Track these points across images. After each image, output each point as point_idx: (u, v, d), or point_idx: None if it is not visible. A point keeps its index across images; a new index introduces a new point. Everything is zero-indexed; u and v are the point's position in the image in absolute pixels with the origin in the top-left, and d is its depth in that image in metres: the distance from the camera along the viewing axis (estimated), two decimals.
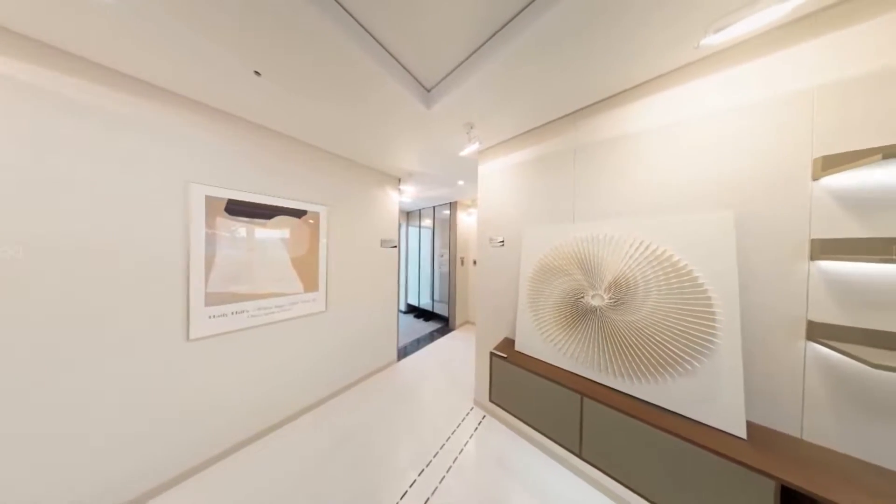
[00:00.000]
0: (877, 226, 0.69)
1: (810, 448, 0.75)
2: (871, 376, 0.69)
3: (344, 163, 2.12)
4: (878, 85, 0.70)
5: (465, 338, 3.39)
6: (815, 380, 0.76)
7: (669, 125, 1.04)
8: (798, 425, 0.79)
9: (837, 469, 0.67)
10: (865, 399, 0.70)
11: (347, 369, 2.16)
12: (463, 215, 3.93)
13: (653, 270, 1.00)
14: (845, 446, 0.72)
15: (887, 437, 0.67)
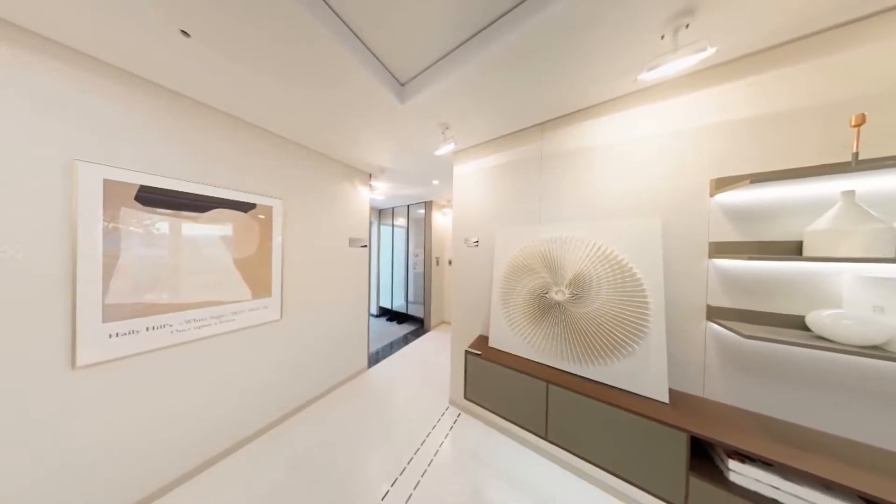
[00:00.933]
0: (747, 233, 0.93)
1: (708, 403, 0.97)
2: (743, 344, 0.93)
3: (305, 153, 1.90)
4: (750, 127, 0.94)
5: (440, 338, 3.39)
6: (711, 350, 0.99)
7: (614, 143, 1.22)
8: (701, 387, 1.01)
9: (724, 417, 0.89)
10: (740, 362, 0.94)
11: (310, 383, 1.94)
12: (438, 215, 3.93)
13: (603, 268, 1.16)
14: (729, 399, 0.96)
15: (753, 388, 0.92)
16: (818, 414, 0.83)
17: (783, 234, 0.87)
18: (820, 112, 0.84)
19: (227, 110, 1.40)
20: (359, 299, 2.41)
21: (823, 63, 0.84)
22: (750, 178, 0.84)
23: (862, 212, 0.73)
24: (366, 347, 2.51)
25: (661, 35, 0.86)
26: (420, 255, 3.88)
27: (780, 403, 0.88)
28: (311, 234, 1.93)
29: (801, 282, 0.85)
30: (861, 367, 0.77)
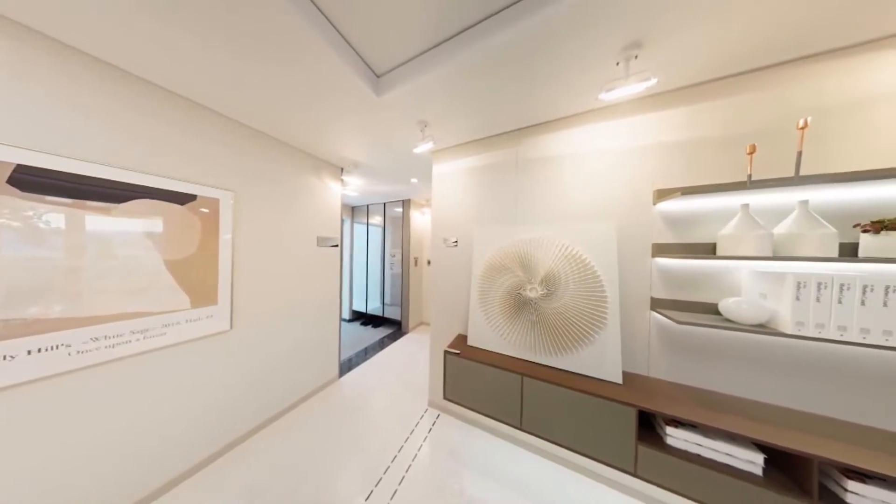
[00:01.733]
0: (680, 236, 1.12)
1: (652, 381, 1.14)
2: (677, 329, 1.12)
3: (266, 141, 1.68)
4: (682, 148, 1.14)
5: (419, 340, 3.33)
6: (653, 336, 1.17)
7: (580, 154, 1.36)
8: (646, 367, 1.18)
9: (664, 391, 1.06)
10: (675, 344, 1.13)
11: (270, 399, 1.73)
12: (416, 214, 3.84)
13: (570, 266, 1.27)
14: (668, 376, 1.15)
15: (685, 365, 1.11)
16: (730, 381, 1.04)
17: (704, 237, 1.07)
18: (728, 141, 1.05)
19: (161, 83, 1.15)
20: (329, 303, 2.22)
21: (731, 102, 1.05)
22: (681, 190, 1.01)
23: (753, 220, 0.94)
24: (336, 355, 2.33)
25: (617, 62, 0.98)
26: (398, 256, 3.75)
27: (704, 376, 1.08)
28: (271, 231, 1.71)
29: (715, 276, 1.06)
30: (755, 342, 1.00)
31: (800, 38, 0.87)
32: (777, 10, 0.78)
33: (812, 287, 0.82)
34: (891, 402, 0.83)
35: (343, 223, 2.53)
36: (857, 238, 0.83)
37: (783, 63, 0.97)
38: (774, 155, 0.95)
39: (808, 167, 0.90)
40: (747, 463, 0.84)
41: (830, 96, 0.92)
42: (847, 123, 0.89)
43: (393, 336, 3.45)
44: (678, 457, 0.90)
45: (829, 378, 0.90)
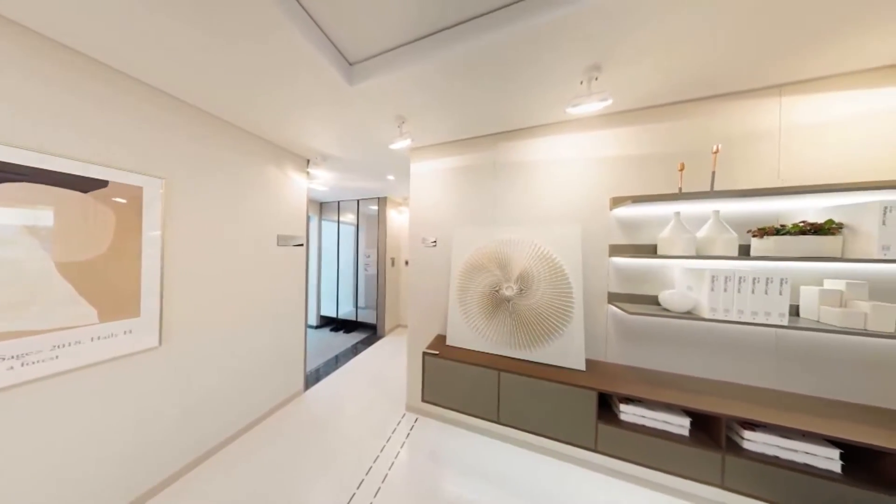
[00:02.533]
0: (630, 238, 1.30)
1: (609, 365, 1.30)
2: (628, 319, 1.29)
3: (213, 123, 1.43)
4: (633, 162, 1.31)
5: (396, 343, 3.22)
6: (610, 326, 1.33)
7: (551, 161, 1.47)
8: (605, 353, 1.34)
9: (618, 374, 1.22)
10: (627, 332, 1.30)
11: (217, 423, 1.48)
12: (393, 213, 3.70)
13: (542, 265, 1.37)
14: (622, 360, 1.32)
15: (635, 350, 1.29)
16: (668, 361, 1.24)
17: (648, 239, 1.26)
18: (667, 158, 1.25)
19: (71, 44, 0.89)
20: (292, 309, 2.00)
21: (668, 126, 1.26)
22: (631, 199, 1.17)
23: (682, 226, 1.13)
24: (302, 366, 2.11)
25: (581, 81, 1.08)
26: (373, 256, 3.56)
27: (649, 358, 1.27)
28: (218, 228, 1.47)
29: (657, 272, 1.25)
30: (684, 326, 1.21)
31: (714, 79, 1.09)
32: (696, 56, 0.96)
33: (721, 280, 1.03)
34: (773, 367, 1.10)
35: (310, 220, 2.30)
36: (750, 241, 1.06)
37: (704, 98, 1.20)
38: (699, 172, 1.17)
39: (720, 184, 1.12)
40: (679, 427, 1.01)
41: (734, 129, 1.16)
42: (744, 151, 1.14)
43: (367, 341, 3.28)
44: (629, 429, 1.05)
45: (733, 351, 1.14)
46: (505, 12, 0.87)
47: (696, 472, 0.95)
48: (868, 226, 0.89)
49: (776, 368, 1.09)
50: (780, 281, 0.97)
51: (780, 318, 0.97)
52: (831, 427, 0.86)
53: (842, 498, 0.80)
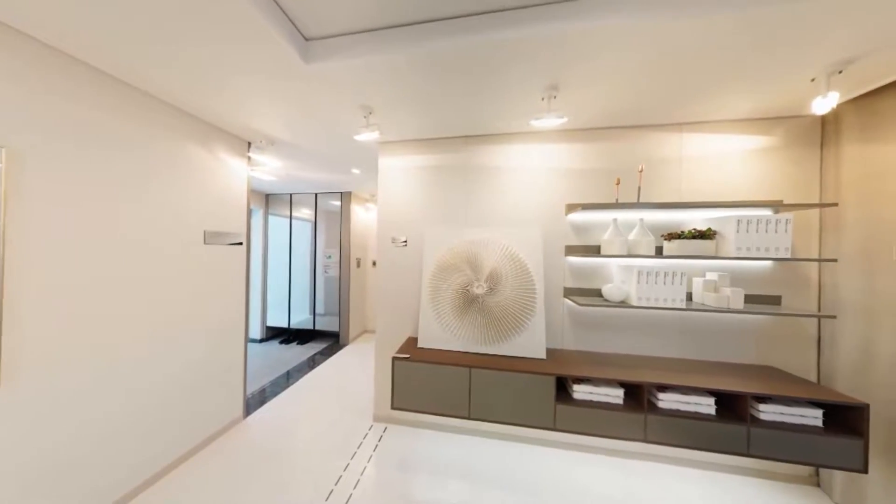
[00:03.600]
0: (581, 240, 1.50)
1: (565, 352, 1.47)
2: (579, 310, 1.49)
3: (97, 80, 1.06)
4: (583, 174, 1.52)
5: (362, 351, 3.00)
6: (566, 317, 1.52)
7: (518, 167, 1.59)
8: (561, 342, 1.52)
9: (573, 359, 1.39)
10: (578, 321, 1.51)
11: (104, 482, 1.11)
12: (359, 209, 3.42)
13: (510, 265, 1.46)
14: (575, 346, 1.51)
15: (585, 336, 1.50)
16: (609, 344, 1.48)
17: (594, 241, 1.48)
18: (609, 172, 1.48)
19: None
20: (227, 322, 1.66)
21: (608, 146, 1.49)
22: (581, 206, 1.35)
23: (618, 230, 1.37)
24: (241, 388, 1.78)
25: (542, 97, 1.20)
26: (335, 256, 3.24)
27: (595, 342, 1.49)
28: (109, 220, 1.11)
29: (601, 269, 1.48)
30: (620, 314, 1.46)
31: (640, 112, 1.34)
32: (627, 91, 1.17)
33: (644, 275, 1.28)
34: (677, 341, 1.42)
35: (251, 214, 1.94)
36: (663, 243, 1.35)
37: (633, 126, 1.46)
38: (631, 186, 1.42)
39: (644, 197, 1.39)
40: (615, 398, 1.22)
41: (653, 153, 1.45)
42: (659, 172, 1.44)
43: (327, 351, 2.98)
44: (581, 406, 1.21)
45: (652, 331, 1.44)
46: (476, 20, 0.89)
47: (627, 432, 1.17)
48: (729, 233, 1.22)
49: (678, 342, 1.42)
50: (681, 274, 1.26)
51: (680, 303, 1.26)
52: (709, 382, 1.17)
53: (717, 432, 1.10)
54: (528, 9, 0.85)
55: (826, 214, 1.28)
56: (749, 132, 1.37)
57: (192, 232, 1.44)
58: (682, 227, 1.38)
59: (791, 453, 1.06)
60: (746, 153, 1.38)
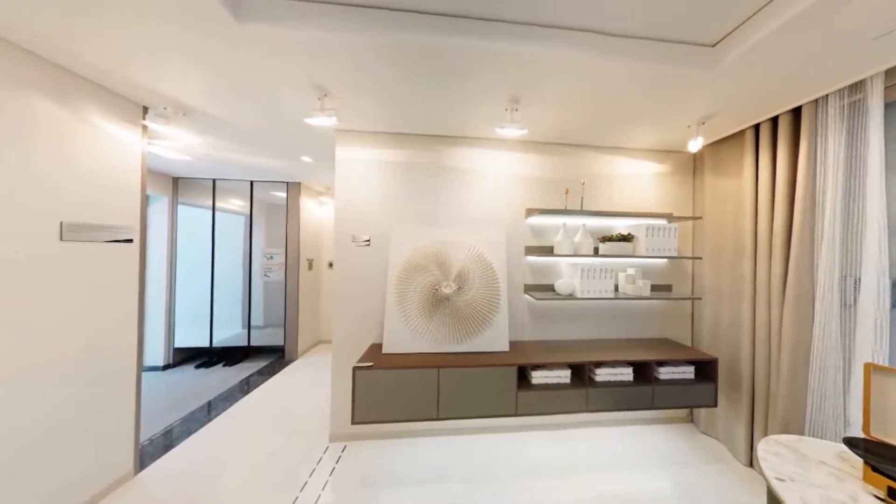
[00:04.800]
0: (539, 241, 1.68)
1: (525, 343, 1.63)
2: (537, 304, 1.68)
3: None
4: (540, 182, 1.70)
5: (315, 365, 2.64)
6: (525, 311, 1.68)
7: (486, 171, 1.67)
8: (522, 334, 1.68)
9: (532, 349, 1.55)
10: (536, 314, 1.69)
11: None
12: (310, 203, 3.00)
13: (476, 264, 1.53)
14: (534, 337, 1.68)
15: (542, 328, 1.69)
16: (561, 332, 1.70)
17: (549, 242, 1.68)
18: (559, 182, 1.71)
19: None
20: (104, 349, 1.22)
21: (559, 160, 1.72)
22: (539, 210, 1.52)
23: (567, 233, 1.59)
24: (130, 436, 1.33)
25: (506, 108, 1.29)
26: (279, 257, 2.75)
27: (550, 332, 1.69)
28: None
29: (554, 267, 1.70)
30: (570, 305, 1.70)
31: (584, 133, 1.59)
32: (574, 114, 1.37)
33: (586, 271, 1.53)
34: (609, 325, 1.74)
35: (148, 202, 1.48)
36: (599, 245, 1.64)
37: (579, 145, 1.73)
38: (576, 196, 1.67)
39: (586, 205, 1.65)
40: (564, 378, 1.42)
41: (593, 169, 1.74)
42: (598, 185, 1.74)
43: (269, 370, 2.52)
44: (538, 390, 1.36)
45: (592, 318, 1.73)
46: (444, 20, 0.89)
47: (574, 406, 1.37)
48: (642, 237, 1.57)
49: (609, 325, 1.75)
50: (610, 270, 1.55)
51: (610, 293, 1.55)
52: (629, 355, 1.47)
53: (633, 394, 1.40)
54: (492, 23, 0.90)
55: (696, 225, 1.77)
56: (652, 160, 1.79)
57: (41, 224, 1.01)
58: (612, 231, 1.70)
59: (677, 401, 1.45)
60: (652, 175, 1.79)
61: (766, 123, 1.37)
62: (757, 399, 1.40)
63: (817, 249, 1.19)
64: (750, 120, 1.40)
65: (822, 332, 1.17)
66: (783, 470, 0.80)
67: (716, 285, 1.64)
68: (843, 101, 1.14)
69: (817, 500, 0.69)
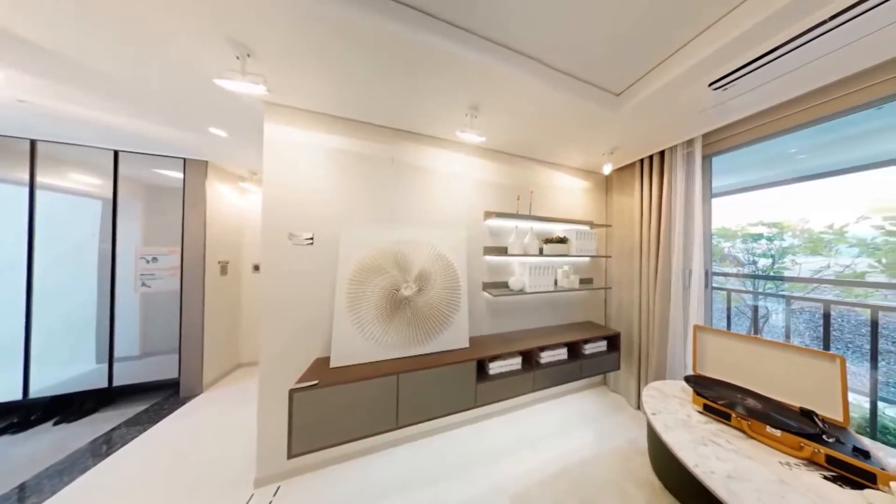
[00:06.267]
0: (495, 241, 1.84)
1: (484, 338, 1.75)
2: (494, 300, 1.83)
3: None
4: (496, 187, 1.86)
5: (233, 396, 2.09)
6: (484, 307, 1.81)
7: (448, 173, 1.71)
8: (480, 329, 1.80)
9: (490, 342, 1.68)
10: (493, 310, 1.84)
11: None
12: (226, 191, 2.38)
13: (438, 264, 1.55)
14: (492, 331, 1.83)
15: (499, 322, 1.85)
16: (514, 324, 1.90)
17: (504, 243, 1.86)
18: (512, 189, 1.91)
19: None
20: None
21: (512, 169, 1.92)
22: (495, 213, 1.67)
23: (518, 235, 1.81)
24: None
25: (466, 113, 1.37)
26: (171, 260, 2.05)
27: (505, 325, 1.87)
28: None
29: (507, 265, 1.89)
30: (521, 300, 1.92)
31: (531, 148, 1.83)
32: (523, 130, 1.56)
33: (533, 269, 1.77)
34: (551, 314, 2.05)
35: None
36: (543, 246, 1.93)
37: (528, 158, 1.97)
38: (527, 202, 1.91)
39: (534, 211, 1.92)
40: (516, 365, 1.61)
41: (539, 180, 2.03)
42: (543, 194, 2.04)
43: (148, 418, 1.82)
44: (495, 379, 1.49)
45: (539, 310, 2.00)
46: (409, 12, 0.88)
47: (524, 388, 1.57)
48: (573, 240, 1.94)
49: (551, 314, 2.07)
50: (551, 267, 1.85)
51: (551, 287, 1.85)
52: (563, 338, 1.79)
53: (567, 370, 1.71)
54: (458, 29, 0.94)
55: (608, 231, 2.30)
56: (580, 177, 2.23)
57: None
58: (552, 234, 2.02)
59: (596, 369, 1.83)
60: (580, 189, 2.23)
61: (646, 159, 1.92)
62: (642, 359, 1.94)
63: (673, 250, 1.75)
64: (639, 155, 1.92)
65: (674, 307, 1.73)
66: (655, 406, 1.14)
67: (619, 277, 2.18)
68: (684, 150, 1.72)
69: (671, 422, 1.02)
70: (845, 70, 1.04)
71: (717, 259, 1.76)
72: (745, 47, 0.92)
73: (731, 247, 1.75)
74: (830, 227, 1.34)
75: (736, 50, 0.93)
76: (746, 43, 0.90)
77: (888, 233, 1.16)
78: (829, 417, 0.93)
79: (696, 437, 0.93)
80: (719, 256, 1.77)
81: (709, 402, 1.05)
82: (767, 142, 1.45)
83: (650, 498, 1.26)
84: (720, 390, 1.08)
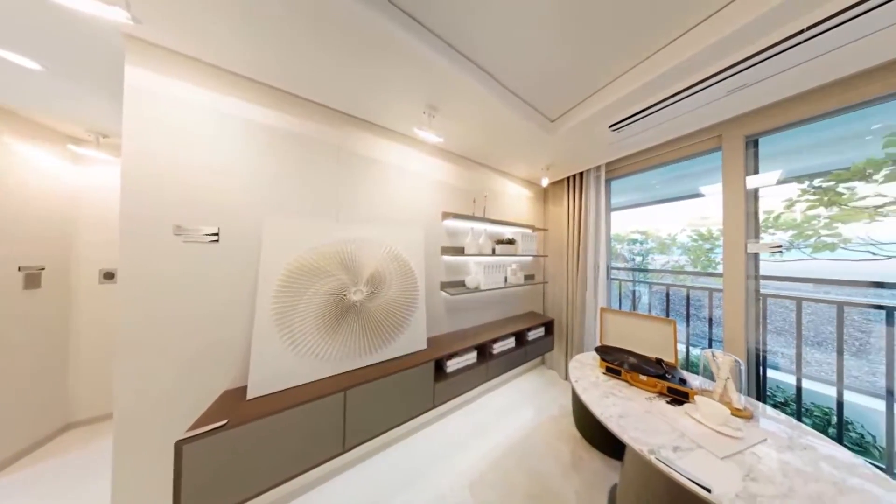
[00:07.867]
0: (452, 242, 1.91)
1: (443, 336, 1.79)
2: (451, 299, 1.89)
3: None
4: (454, 188, 1.93)
5: (40, 479, 1.38)
6: (442, 307, 1.85)
7: (404, 169, 1.66)
8: (439, 328, 1.83)
9: (447, 340, 1.74)
10: (451, 308, 1.90)
11: None
12: (35, 153, 1.60)
13: (393, 265, 1.49)
14: (449, 329, 1.88)
15: (455, 319, 1.92)
16: (470, 320, 2.01)
17: (461, 243, 1.97)
18: (469, 192, 2.03)
19: None
20: None
21: (471, 174, 2.03)
22: (453, 214, 1.75)
23: (476, 236, 1.96)
24: None
25: (424, 112, 1.37)
26: None
27: (462, 322, 1.96)
28: None
29: (464, 265, 2.00)
30: (476, 297, 2.06)
31: (484, 155, 2.00)
32: (478, 137, 1.68)
33: (487, 268, 1.94)
34: (501, 307, 2.27)
35: None
36: (495, 247, 2.14)
37: (483, 164, 2.12)
38: (482, 205, 2.07)
39: (487, 214, 2.09)
40: (472, 359, 1.74)
41: (492, 186, 2.22)
42: (495, 199, 2.24)
43: None
44: (453, 377, 1.56)
45: (492, 305, 2.18)
46: None
47: (479, 380, 1.71)
48: (519, 241, 2.22)
49: (501, 308, 2.30)
50: (502, 266, 2.07)
51: (502, 284, 2.07)
52: (512, 328, 2.02)
53: (515, 356, 1.94)
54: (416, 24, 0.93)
55: (546, 234, 2.71)
56: (525, 187, 2.56)
57: None
58: (502, 236, 2.26)
59: (537, 352, 2.15)
60: (525, 197, 2.56)
61: (571, 177, 2.38)
62: (568, 338, 2.39)
63: (588, 250, 2.23)
64: (567, 173, 2.34)
65: (589, 294, 2.20)
66: (576, 374, 1.44)
67: (554, 273, 2.62)
68: (595, 173, 2.21)
69: (588, 385, 1.32)
70: (694, 126, 1.53)
71: (614, 257, 2.37)
72: (633, 102, 1.26)
73: (621, 248, 2.43)
74: (669, 235, 2.16)
75: (629, 102, 1.26)
76: (633, 99, 1.24)
77: (693, 240, 1.99)
78: (668, 361, 1.39)
79: (601, 392, 1.23)
80: (615, 255, 2.39)
81: (609, 364, 1.40)
82: (643, 174, 2.07)
83: (573, 447, 1.58)
84: (616, 354, 1.46)
